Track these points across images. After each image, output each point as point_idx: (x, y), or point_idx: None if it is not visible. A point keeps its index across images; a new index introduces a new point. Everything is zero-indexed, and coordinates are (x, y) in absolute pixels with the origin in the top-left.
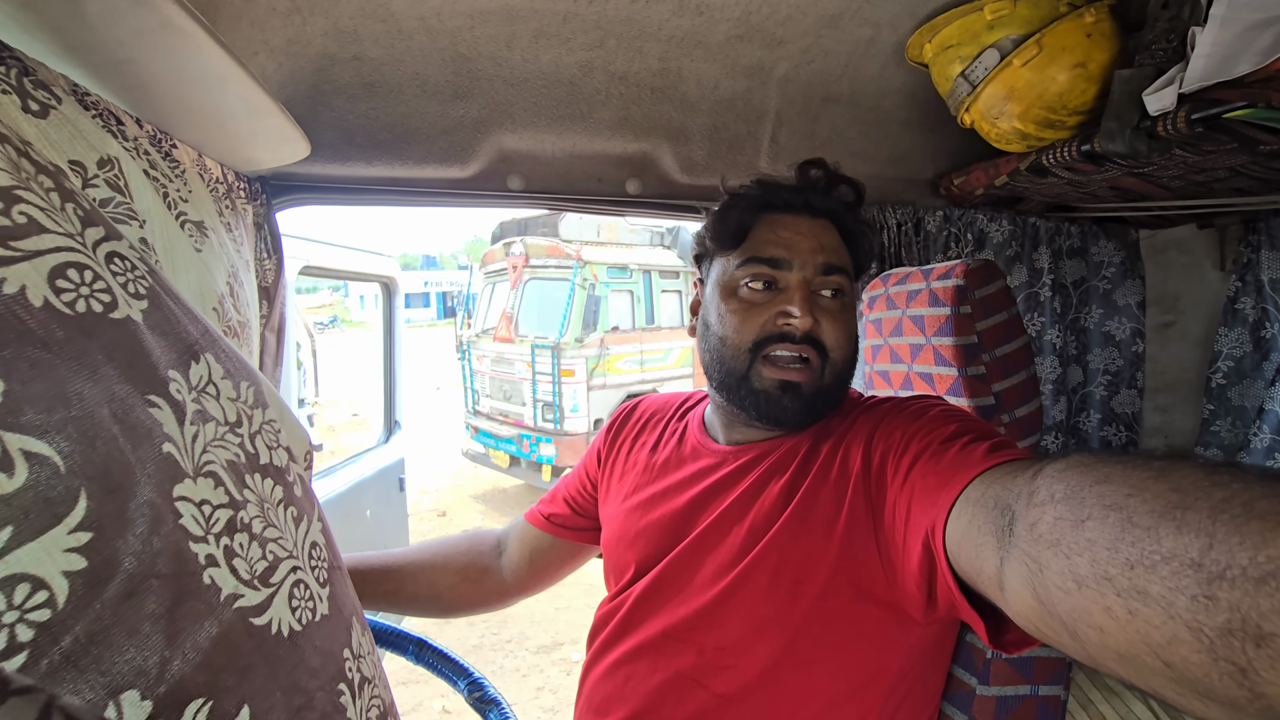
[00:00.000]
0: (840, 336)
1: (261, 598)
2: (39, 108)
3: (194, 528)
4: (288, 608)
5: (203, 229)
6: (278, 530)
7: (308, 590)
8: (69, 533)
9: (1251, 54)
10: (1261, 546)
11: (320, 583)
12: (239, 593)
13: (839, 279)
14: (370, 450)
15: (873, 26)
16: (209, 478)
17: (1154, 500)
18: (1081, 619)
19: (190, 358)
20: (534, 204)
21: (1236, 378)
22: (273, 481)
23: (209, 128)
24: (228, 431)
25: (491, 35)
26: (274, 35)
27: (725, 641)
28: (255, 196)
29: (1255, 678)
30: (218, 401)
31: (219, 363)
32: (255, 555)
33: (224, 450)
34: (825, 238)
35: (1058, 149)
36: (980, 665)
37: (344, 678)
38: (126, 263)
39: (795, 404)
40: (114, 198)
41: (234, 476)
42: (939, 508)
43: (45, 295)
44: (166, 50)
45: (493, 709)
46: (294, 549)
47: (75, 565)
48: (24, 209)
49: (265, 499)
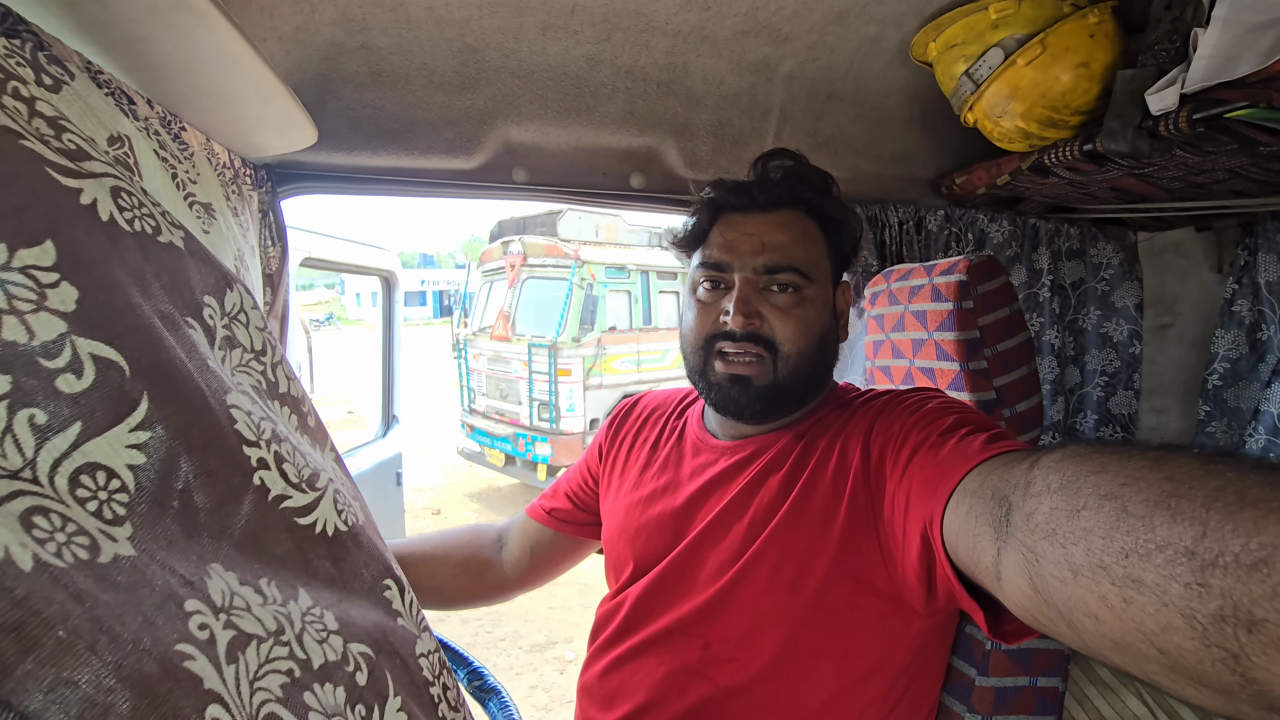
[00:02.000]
0: (790, 331)
1: (309, 499)
2: (52, 82)
3: (247, 432)
4: (334, 510)
5: (210, 211)
6: (303, 458)
7: (345, 498)
8: (130, 430)
9: (1253, 55)
10: (1254, 534)
11: (352, 495)
12: (287, 494)
13: (786, 276)
14: (368, 444)
15: (878, 24)
16: (244, 395)
17: (1149, 489)
18: (1077, 608)
19: (226, 285)
20: (538, 196)
21: (1232, 379)
22: (289, 410)
23: (218, 111)
24: (253, 359)
25: (499, 26)
26: (283, 22)
27: (729, 635)
28: (261, 183)
29: (1247, 663)
30: (247, 330)
31: (248, 294)
32: (301, 463)
33: (248, 375)
34: (774, 235)
35: (1060, 148)
36: (979, 656)
37: (391, 574)
38: (159, 208)
39: (744, 397)
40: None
41: (259, 402)
42: (937, 499)
43: (111, 211)
44: (180, 30)
45: (492, 698)
46: (323, 465)
47: (136, 460)
48: (71, 138)
49: (288, 429)
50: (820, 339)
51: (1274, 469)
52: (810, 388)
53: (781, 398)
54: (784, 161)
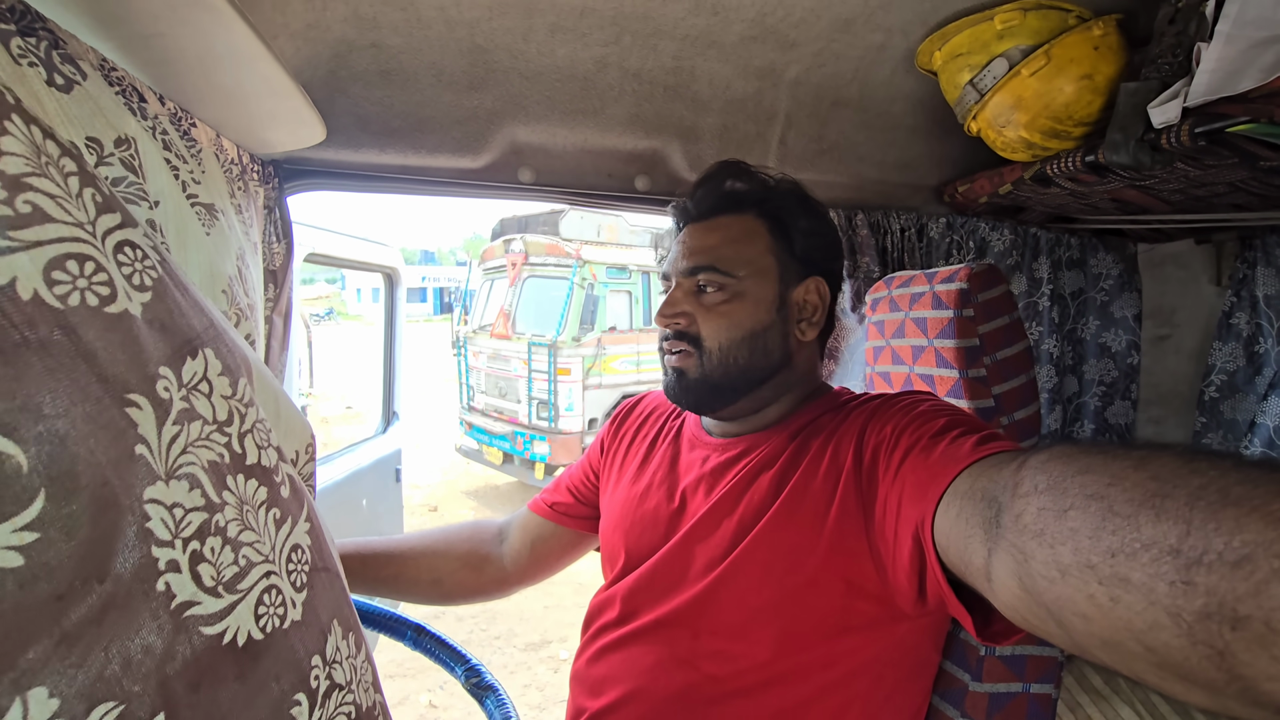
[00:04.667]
0: (711, 327)
1: (222, 605)
2: (64, 82)
3: (161, 531)
4: (252, 615)
5: (213, 211)
6: (255, 534)
7: (280, 596)
8: (14, 531)
9: (1255, 70)
10: (1236, 532)
11: (297, 587)
12: (195, 600)
13: (706, 275)
14: (368, 440)
15: (884, 32)
16: (184, 480)
17: (1134, 489)
18: (1066, 607)
19: (188, 352)
20: (544, 197)
21: (1229, 391)
22: (257, 482)
23: (229, 106)
24: (215, 430)
25: (509, 27)
26: (294, 19)
27: (718, 629)
28: (268, 179)
29: (1232, 660)
30: (209, 399)
31: (219, 358)
32: (226, 560)
33: (207, 450)
34: (703, 239)
35: (1062, 159)
36: (973, 662)
37: (305, 686)
38: (138, 252)
39: (677, 388)
40: (127, 177)
41: (215, 478)
42: (928, 501)
43: (36, 288)
44: (195, 26)
45: (490, 695)
46: (270, 553)
47: (11, 563)
48: (31, 197)
49: (247, 501)
50: (751, 334)
51: (1255, 467)
52: (743, 382)
53: (716, 391)
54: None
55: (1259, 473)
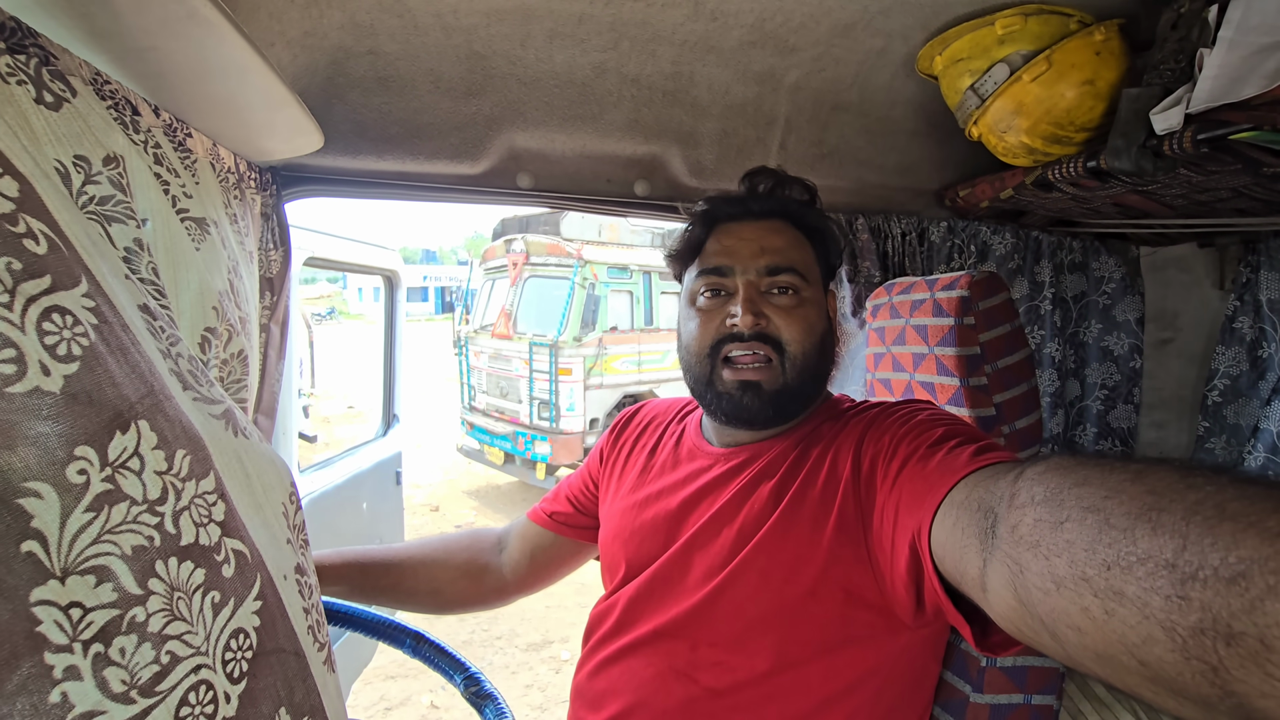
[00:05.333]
0: (796, 330)
1: (133, 711)
2: (53, 99)
3: (56, 635)
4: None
5: (203, 226)
6: (186, 624)
7: (210, 693)
8: None
9: (1258, 77)
10: (1232, 548)
11: (234, 678)
12: (100, 709)
13: (788, 277)
14: (368, 443)
15: (884, 37)
16: (89, 575)
17: (1130, 502)
18: (1061, 619)
19: (117, 427)
20: (543, 202)
21: (1232, 396)
22: (193, 564)
23: (226, 117)
24: (144, 512)
25: (507, 34)
26: (291, 27)
27: (716, 639)
28: (265, 187)
29: (1226, 676)
30: (139, 477)
31: (154, 430)
32: (143, 660)
33: (133, 535)
34: (771, 239)
35: (1064, 164)
36: (975, 673)
37: None
38: (67, 318)
39: (756, 402)
40: (114, 195)
41: (138, 565)
42: (925, 511)
43: None
44: (189, 39)
45: (489, 704)
46: (204, 643)
47: None
48: None
49: (179, 587)
50: (821, 340)
51: (1252, 483)
52: (813, 391)
53: (790, 401)
54: (768, 179)
55: (1255, 489)
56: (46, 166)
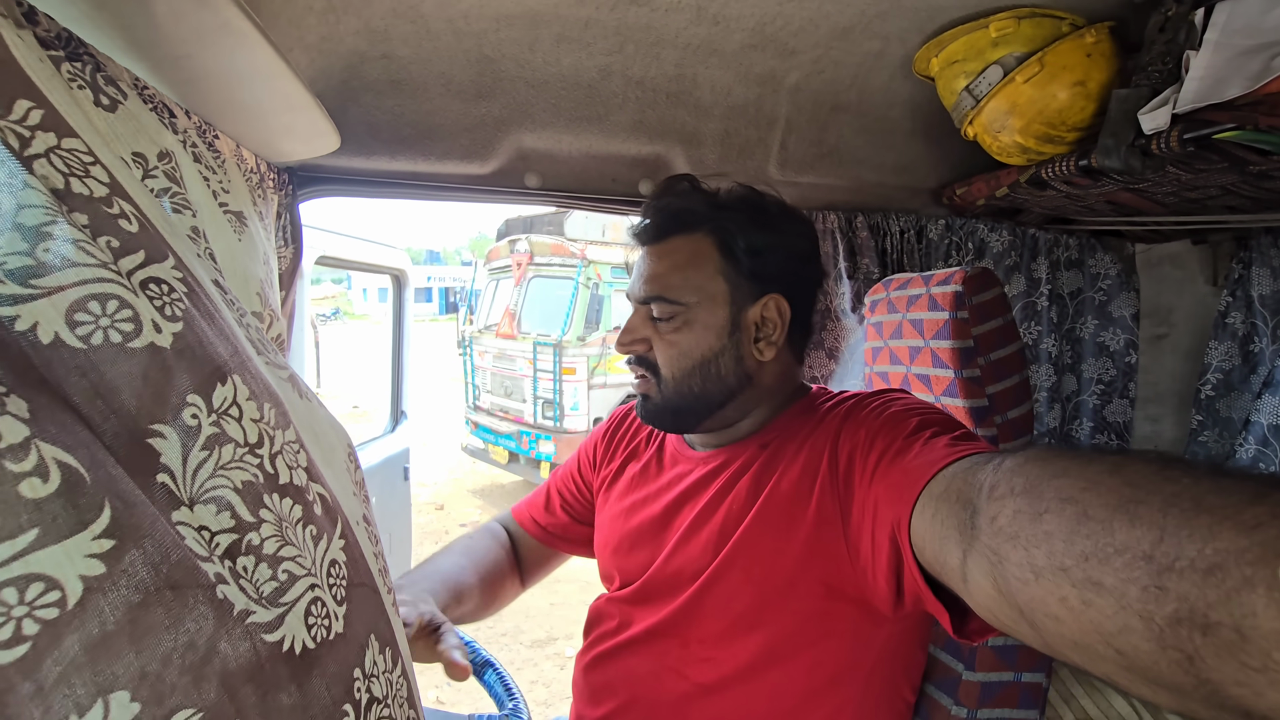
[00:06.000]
0: (665, 356)
1: (272, 616)
2: (109, 102)
3: (199, 549)
4: (303, 625)
5: (242, 218)
6: (296, 549)
7: (324, 609)
8: (93, 539)
9: (1242, 78)
10: (1209, 539)
11: (338, 600)
12: (250, 609)
13: (658, 305)
14: (376, 439)
15: (882, 40)
16: (210, 504)
17: (1108, 494)
18: (1039, 609)
19: (218, 379)
20: (550, 202)
21: (1225, 390)
22: (291, 501)
23: (250, 120)
24: (247, 453)
25: (515, 38)
26: (309, 33)
27: (705, 636)
28: (282, 186)
29: (1201, 665)
30: (240, 424)
31: (245, 384)
32: (263, 576)
33: (241, 472)
34: (652, 266)
35: (1056, 163)
36: (966, 652)
37: (350, 698)
38: (164, 286)
39: (643, 410)
40: (170, 187)
41: (250, 498)
42: (904, 503)
43: (57, 330)
44: (222, 48)
45: (488, 670)
46: (312, 567)
47: (94, 570)
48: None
49: (284, 518)
50: (702, 361)
51: (1228, 476)
52: (709, 404)
53: (677, 414)
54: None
55: (1231, 481)
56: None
